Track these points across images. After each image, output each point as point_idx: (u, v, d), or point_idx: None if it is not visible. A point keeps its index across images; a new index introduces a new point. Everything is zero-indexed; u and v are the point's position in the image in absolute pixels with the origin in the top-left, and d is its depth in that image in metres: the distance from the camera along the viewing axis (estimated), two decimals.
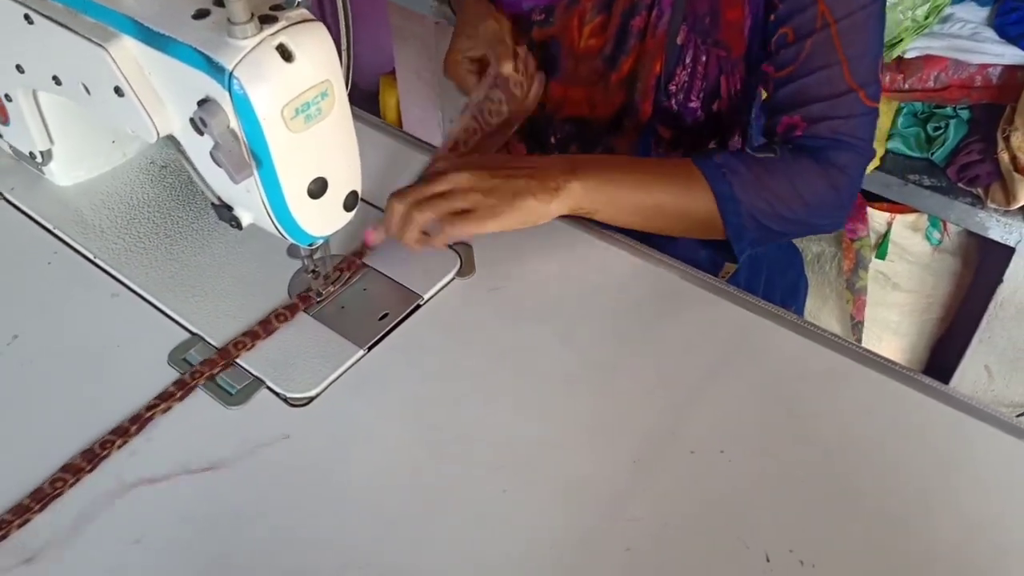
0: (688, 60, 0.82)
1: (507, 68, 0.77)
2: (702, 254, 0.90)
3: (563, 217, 0.77)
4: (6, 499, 0.55)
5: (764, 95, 0.84)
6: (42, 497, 0.55)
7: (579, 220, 0.77)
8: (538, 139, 0.94)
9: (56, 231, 0.74)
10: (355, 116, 0.59)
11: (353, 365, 0.64)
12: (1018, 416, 0.63)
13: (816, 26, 0.74)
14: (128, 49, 0.56)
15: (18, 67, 0.67)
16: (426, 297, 0.69)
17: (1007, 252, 1.28)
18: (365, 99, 2.15)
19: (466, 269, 0.72)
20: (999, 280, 1.30)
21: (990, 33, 1.22)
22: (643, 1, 0.80)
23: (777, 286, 1.03)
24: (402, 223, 0.67)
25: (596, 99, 0.89)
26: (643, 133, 0.88)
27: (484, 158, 0.75)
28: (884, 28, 0.77)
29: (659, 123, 0.87)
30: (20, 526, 0.54)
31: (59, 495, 0.55)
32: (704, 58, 0.82)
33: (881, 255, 1.46)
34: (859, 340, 1.50)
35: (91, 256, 0.72)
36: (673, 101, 0.85)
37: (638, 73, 0.84)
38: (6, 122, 0.75)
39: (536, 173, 0.70)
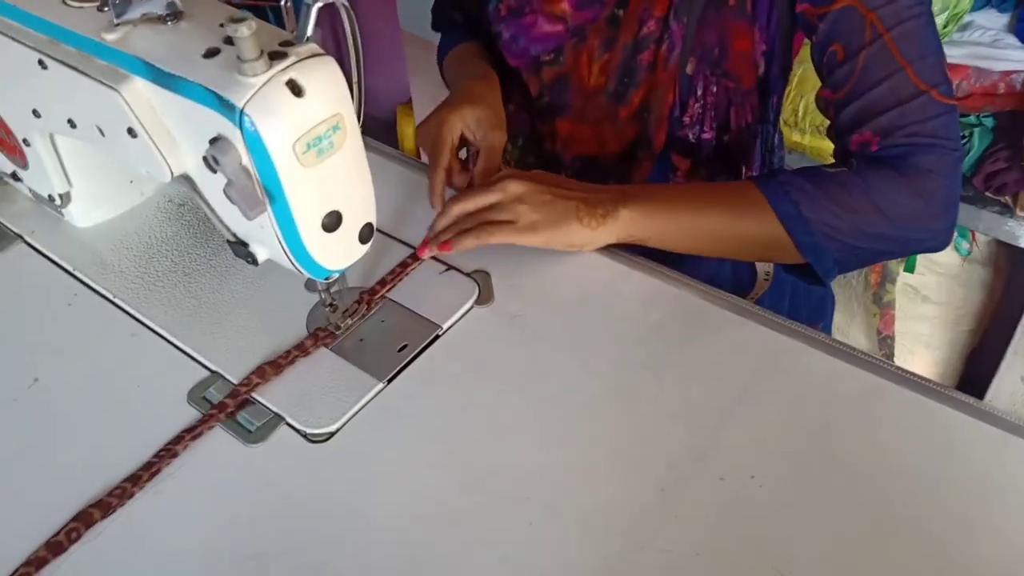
0: (700, 92, 0.81)
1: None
2: (726, 271, 0.88)
3: None
4: (27, 542, 0.54)
5: (828, 123, 0.78)
6: (57, 546, 0.54)
7: None
8: None
9: (76, 272, 0.75)
10: (369, 147, 0.59)
11: (373, 398, 0.63)
12: None
13: (867, 38, 0.70)
14: (140, 90, 0.56)
15: (34, 111, 0.67)
16: (445, 327, 0.69)
17: None
18: (383, 129, 2.16)
19: (484, 297, 0.71)
20: None
21: (1011, 39, 1.20)
22: (651, 35, 0.80)
23: (803, 303, 1.01)
24: (449, 229, 0.71)
25: (605, 137, 0.88)
26: (658, 162, 0.87)
27: (544, 175, 0.73)
28: (937, 31, 0.72)
29: (674, 152, 0.86)
30: None
31: (75, 542, 0.55)
32: (714, 88, 0.81)
33: (910, 268, 1.43)
34: (887, 355, 1.47)
35: (111, 296, 0.72)
36: (689, 133, 0.84)
37: (650, 104, 0.83)
38: (25, 166, 0.76)
39: (588, 199, 0.70)
